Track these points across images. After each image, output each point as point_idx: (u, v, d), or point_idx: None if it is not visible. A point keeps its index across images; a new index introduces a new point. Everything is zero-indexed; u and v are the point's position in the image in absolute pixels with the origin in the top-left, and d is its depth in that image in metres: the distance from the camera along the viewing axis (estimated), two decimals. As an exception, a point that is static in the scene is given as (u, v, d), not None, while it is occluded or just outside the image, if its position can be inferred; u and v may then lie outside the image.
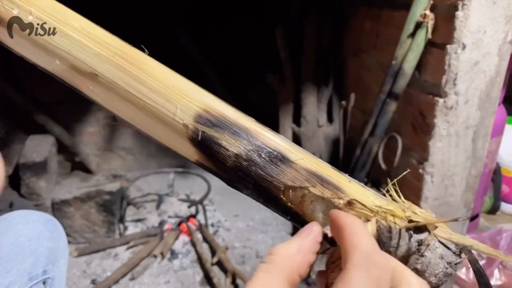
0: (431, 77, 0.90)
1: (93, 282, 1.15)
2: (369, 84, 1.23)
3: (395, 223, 0.27)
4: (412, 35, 0.90)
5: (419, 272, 0.27)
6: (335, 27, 1.45)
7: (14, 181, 1.34)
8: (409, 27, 0.90)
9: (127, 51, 0.29)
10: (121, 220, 1.37)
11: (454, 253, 0.27)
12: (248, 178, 0.29)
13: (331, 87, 1.50)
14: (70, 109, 1.54)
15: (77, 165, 1.58)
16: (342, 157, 1.32)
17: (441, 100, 0.87)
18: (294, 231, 1.38)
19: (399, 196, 0.29)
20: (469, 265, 0.27)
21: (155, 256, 1.23)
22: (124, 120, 0.30)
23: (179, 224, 1.36)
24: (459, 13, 0.80)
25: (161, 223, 1.39)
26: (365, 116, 1.15)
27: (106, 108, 0.30)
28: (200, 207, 1.44)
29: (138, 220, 1.42)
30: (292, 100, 1.50)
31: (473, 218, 1.24)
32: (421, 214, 0.27)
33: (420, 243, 0.27)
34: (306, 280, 1.16)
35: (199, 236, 1.32)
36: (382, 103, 0.98)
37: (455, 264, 0.27)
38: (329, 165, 0.29)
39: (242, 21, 1.62)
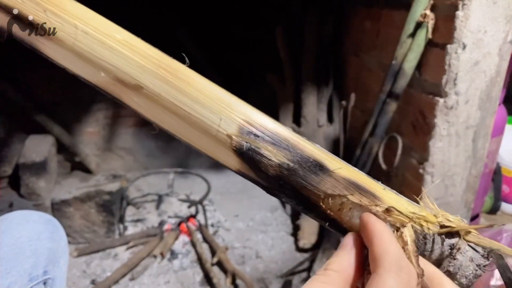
0: (432, 77, 0.89)
1: (93, 282, 1.15)
2: (369, 84, 1.23)
3: (428, 228, 0.29)
4: (413, 35, 0.90)
5: (451, 274, 0.29)
6: (335, 27, 1.45)
7: (13, 181, 1.34)
8: (409, 27, 0.90)
9: (170, 63, 0.30)
10: (121, 220, 1.37)
11: (483, 256, 0.29)
12: (289, 187, 0.30)
13: (331, 87, 1.49)
14: (69, 109, 1.54)
15: (77, 165, 1.58)
16: (342, 157, 1.31)
17: (441, 100, 0.87)
18: (295, 232, 1.38)
19: (432, 203, 0.30)
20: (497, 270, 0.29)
21: (155, 256, 1.23)
22: (167, 130, 0.31)
23: (179, 224, 1.36)
24: (459, 13, 0.80)
25: (161, 223, 1.39)
26: (365, 116, 1.15)
27: (149, 119, 0.31)
28: (200, 207, 1.44)
29: (138, 220, 1.41)
30: (292, 100, 1.50)
31: (473, 218, 1.23)
32: (452, 220, 0.29)
33: (452, 247, 0.29)
34: (306, 279, 1.16)
35: (199, 236, 1.32)
36: (382, 103, 0.97)
37: (484, 266, 0.29)
38: (364, 174, 0.31)
39: (242, 21, 1.62)
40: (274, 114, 1.53)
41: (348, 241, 0.28)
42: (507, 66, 0.88)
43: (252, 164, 0.30)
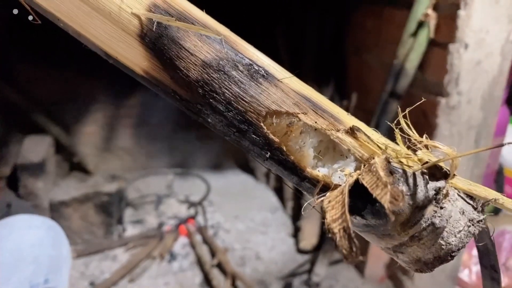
0: (434, 76, 0.89)
1: (92, 284, 1.14)
2: (371, 84, 1.22)
3: (408, 165, 0.22)
4: (414, 34, 0.89)
5: (437, 230, 0.22)
6: (336, 26, 1.44)
7: (11, 181, 1.33)
8: (411, 26, 0.89)
9: None
10: (120, 221, 1.36)
11: (475, 208, 0.23)
12: (218, 98, 0.21)
13: (332, 87, 1.49)
14: (68, 109, 1.53)
15: (75, 166, 1.57)
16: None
17: (443, 100, 0.86)
18: (295, 233, 1.37)
19: (411, 131, 0.23)
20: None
21: (154, 258, 1.22)
22: (48, 11, 0.22)
23: (178, 225, 1.35)
24: (461, 12, 0.79)
25: (160, 225, 1.38)
26: (367, 116, 1.14)
27: None
28: (199, 208, 1.43)
29: (137, 222, 1.40)
30: (292, 100, 1.49)
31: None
32: (435, 152, 0.22)
33: (437, 191, 0.22)
34: (306, 281, 1.15)
35: (198, 237, 1.31)
36: (384, 103, 0.97)
37: (477, 222, 0.23)
38: (320, 94, 0.24)
39: (242, 20, 1.61)
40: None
41: None
42: (510, 65, 0.87)
43: (165, 60, 0.21)
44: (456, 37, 0.81)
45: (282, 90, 0.22)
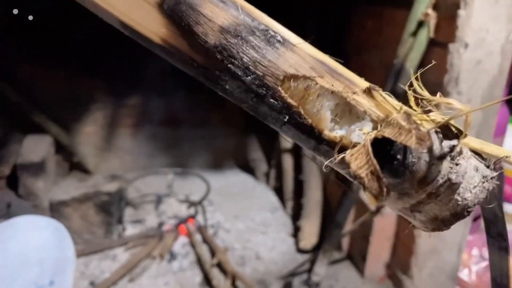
0: (434, 76, 0.89)
1: (92, 283, 1.14)
2: (371, 83, 1.22)
3: (422, 125, 0.23)
4: (414, 34, 0.89)
5: (453, 186, 0.23)
6: (336, 26, 1.44)
7: (11, 181, 1.33)
8: (411, 25, 0.89)
9: None
10: (120, 221, 1.36)
11: (487, 166, 0.24)
12: (236, 63, 0.22)
13: (332, 87, 1.49)
14: (68, 109, 1.53)
15: (75, 166, 1.57)
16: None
17: (443, 100, 0.86)
18: (295, 233, 1.37)
19: (424, 91, 0.24)
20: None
21: (154, 258, 1.22)
22: None
23: (178, 225, 1.35)
24: (461, 12, 0.79)
25: (160, 224, 1.38)
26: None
27: None
28: (199, 207, 1.43)
29: (137, 221, 1.40)
30: (292, 100, 1.49)
31: (476, 219, 1.22)
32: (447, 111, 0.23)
33: (451, 148, 0.23)
34: (306, 281, 1.15)
35: (198, 237, 1.31)
36: (384, 102, 0.97)
37: (491, 178, 0.24)
38: (334, 60, 0.24)
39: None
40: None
41: None
42: (509, 65, 0.87)
43: (183, 27, 0.21)
44: (456, 36, 0.81)
45: (298, 54, 0.22)
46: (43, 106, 1.47)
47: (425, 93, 0.24)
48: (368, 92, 0.23)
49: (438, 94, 0.24)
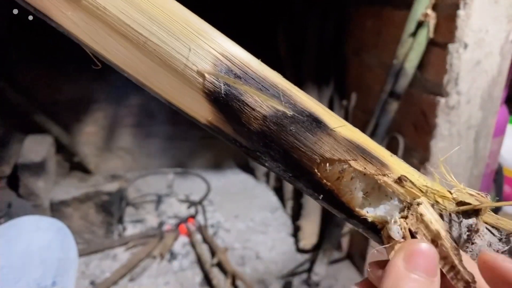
0: (433, 76, 0.89)
1: (92, 283, 1.14)
2: (371, 84, 1.22)
3: (444, 206, 0.23)
4: (414, 34, 0.89)
5: None
6: (336, 26, 1.44)
7: (12, 181, 1.33)
8: (411, 26, 0.89)
9: None
10: (120, 220, 1.36)
11: (500, 239, 0.24)
12: (276, 147, 0.23)
13: (332, 87, 1.49)
14: (68, 109, 1.53)
15: (76, 166, 1.57)
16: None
17: (442, 100, 0.86)
18: (295, 232, 1.37)
19: (448, 174, 0.25)
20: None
21: (154, 257, 1.22)
22: (113, 63, 0.23)
23: (179, 225, 1.35)
24: (461, 12, 0.79)
25: (160, 224, 1.38)
26: (366, 116, 1.15)
27: (88, 45, 0.23)
28: (199, 207, 1.43)
29: (137, 221, 1.41)
30: (292, 100, 1.49)
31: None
32: (471, 196, 0.24)
33: (470, 229, 0.23)
34: (306, 280, 1.15)
35: (198, 237, 1.31)
36: (384, 102, 0.97)
37: (502, 252, 0.24)
38: (367, 137, 0.25)
39: (242, 19, 1.61)
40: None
41: (418, 253, 0.21)
42: (509, 65, 0.87)
43: (229, 115, 0.22)
44: (455, 37, 0.81)
45: (334, 138, 0.23)
46: (44, 106, 1.47)
47: (451, 179, 0.25)
48: (399, 182, 0.24)
49: (462, 184, 0.24)
